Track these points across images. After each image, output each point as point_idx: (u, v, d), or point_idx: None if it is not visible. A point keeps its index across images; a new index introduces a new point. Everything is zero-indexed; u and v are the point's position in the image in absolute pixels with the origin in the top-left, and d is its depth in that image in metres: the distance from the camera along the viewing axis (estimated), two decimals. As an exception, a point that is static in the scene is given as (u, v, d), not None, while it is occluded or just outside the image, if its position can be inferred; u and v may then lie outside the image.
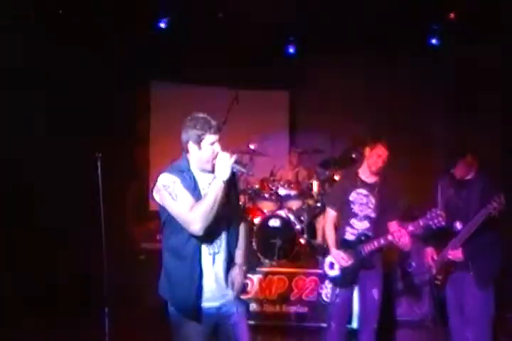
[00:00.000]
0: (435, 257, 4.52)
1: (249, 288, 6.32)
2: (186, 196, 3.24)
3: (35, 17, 6.79)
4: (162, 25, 8.07)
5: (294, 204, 7.16)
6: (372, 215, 4.54)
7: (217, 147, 3.34)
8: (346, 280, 4.57)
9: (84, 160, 5.35)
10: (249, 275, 6.27)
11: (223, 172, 3.23)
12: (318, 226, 7.47)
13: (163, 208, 3.32)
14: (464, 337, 4.44)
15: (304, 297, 6.33)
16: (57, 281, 6.64)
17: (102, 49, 7.64)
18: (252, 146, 7.43)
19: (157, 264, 6.74)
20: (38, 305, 6.16)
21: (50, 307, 6.17)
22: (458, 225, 4.35)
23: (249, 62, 8.60)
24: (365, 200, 4.54)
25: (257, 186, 7.33)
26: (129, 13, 7.50)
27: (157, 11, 7.96)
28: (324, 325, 5.87)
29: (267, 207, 7.20)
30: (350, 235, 4.58)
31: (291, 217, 6.95)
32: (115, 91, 7.88)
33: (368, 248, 4.44)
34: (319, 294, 6.28)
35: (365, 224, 4.55)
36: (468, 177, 4.38)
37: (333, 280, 4.67)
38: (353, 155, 7.16)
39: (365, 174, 4.61)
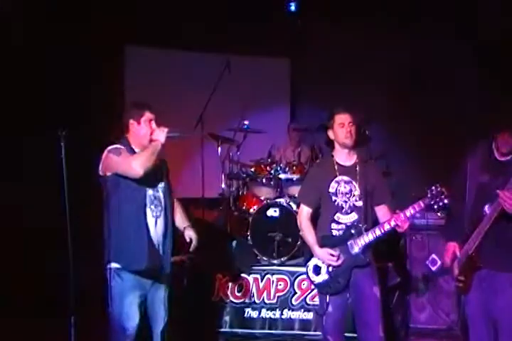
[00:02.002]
0: (457, 253, 4.30)
1: (242, 291, 6.27)
2: (128, 153, 4.21)
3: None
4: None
5: (296, 191, 6.95)
6: (359, 204, 4.42)
7: (153, 124, 4.34)
8: (337, 284, 4.40)
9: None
10: (243, 276, 6.26)
11: (160, 137, 4.24)
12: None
13: (106, 178, 4.26)
14: None
15: (308, 301, 6.20)
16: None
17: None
18: (246, 122, 7.32)
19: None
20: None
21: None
22: (486, 208, 4.14)
23: (244, 22, 8.59)
24: (348, 188, 4.43)
25: (252, 169, 7.03)
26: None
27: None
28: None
29: (264, 194, 6.97)
30: (336, 231, 4.44)
31: (293, 206, 6.67)
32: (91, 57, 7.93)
33: (361, 242, 4.32)
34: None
35: (352, 216, 4.43)
36: (509, 157, 4.20)
37: (321, 287, 4.49)
38: (367, 131, 6.99)
39: (341, 157, 4.51)
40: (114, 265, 4.29)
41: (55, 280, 6.03)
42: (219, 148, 7.00)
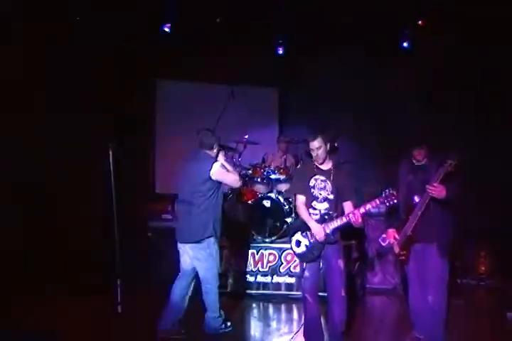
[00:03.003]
0: (397, 236, 4.58)
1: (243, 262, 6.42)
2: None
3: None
4: (166, 29, 7.92)
5: (283, 187, 7.11)
6: (331, 197, 4.54)
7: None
8: (312, 255, 4.53)
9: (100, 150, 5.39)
10: (243, 250, 6.39)
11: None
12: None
13: (214, 182, 4.81)
14: (424, 300, 4.53)
15: (292, 269, 6.36)
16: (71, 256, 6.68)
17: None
18: (246, 136, 7.37)
19: (162, 241, 6.76)
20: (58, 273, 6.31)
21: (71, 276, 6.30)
22: (416, 198, 4.44)
23: (244, 63, 8.48)
24: (323, 185, 4.56)
25: (250, 171, 7.23)
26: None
27: (162, 16, 7.82)
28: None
29: (259, 189, 7.14)
30: (313, 215, 4.56)
31: (281, 199, 6.91)
32: (127, 90, 7.88)
33: (331, 225, 4.44)
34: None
35: (325, 205, 4.55)
36: (424, 162, 4.57)
37: (301, 256, 4.63)
38: (335, 144, 7.09)
39: (319, 163, 4.65)
40: (212, 238, 4.84)
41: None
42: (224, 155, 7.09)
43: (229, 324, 5.10)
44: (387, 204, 4.22)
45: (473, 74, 7.98)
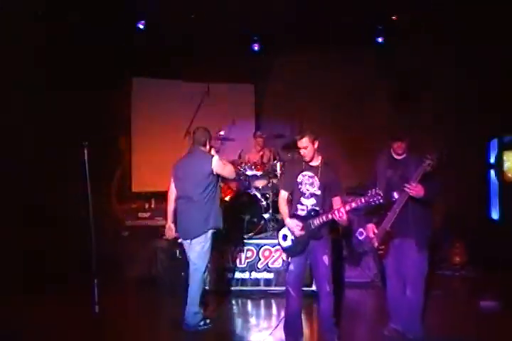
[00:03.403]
0: (376, 231, 4.62)
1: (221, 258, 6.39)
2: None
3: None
4: (141, 26, 7.85)
5: (260, 183, 7.12)
6: (318, 193, 4.56)
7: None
8: (297, 249, 4.56)
9: (73, 148, 5.36)
10: (221, 247, 6.29)
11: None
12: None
13: (214, 176, 5.04)
14: (401, 293, 4.60)
15: (270, 265, 6.38)
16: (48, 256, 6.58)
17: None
18: (222, 133, 7.26)
19: (139, 239, 6.73)
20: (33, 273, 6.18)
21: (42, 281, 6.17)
22: (395, 195, 4.47)
23: (219, 59, 8.48)
24: (310, 181, 4.58)
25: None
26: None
27: (136, 13, 7.74)
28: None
29: (235, 186, 7.10)
30: (301, 211, 4.59)
31: (258, 195, 6.91)
32: (102, 89, 7.73)
33: (316, 221, 4.46)
34: (283, 262, 6.30)
35: (312, 201, 4.57)
36: (404, 156, 4.58)
37: (286, 250, 4.69)
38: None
39: (308, 161, 4.68)
40: (213, 230, 5.06)
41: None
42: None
43: (208, 321, 5.13)
44: (373, 203, 4.21)
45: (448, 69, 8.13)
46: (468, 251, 7.27)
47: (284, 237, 4.66)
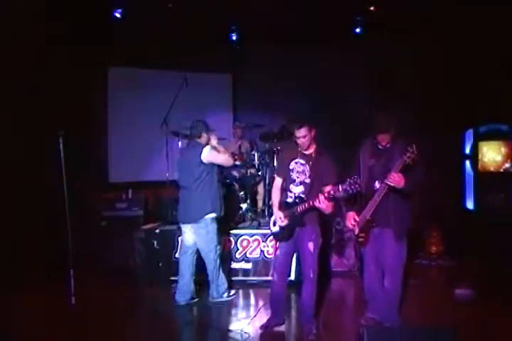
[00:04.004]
0: (357, 218, 4.62)
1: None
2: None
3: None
4: (117, 14, 7.73)
5: (238, 173, 7.10)
6: (307, 181, 4.59)
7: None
8: (284, 235, 4.66)
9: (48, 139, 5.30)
10: None
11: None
12: (260, 191, 7.48)
13: (206, 165, 5.37)
14: (379, 282, 4.66)
15: (248, 255, 6.35)
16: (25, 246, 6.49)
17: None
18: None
19: (116, 230, 6.70)
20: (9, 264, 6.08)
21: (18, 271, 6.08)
22: (377, 184, 4.49)
23: (196, 49, 8.42)
24: (301, 168, 4.62)
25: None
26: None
27: (112, 2, 7.62)
28: (266, 278, 6.04)
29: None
30: (289, 198, 4.66)
31: (236, 185, 6.87)
32: (78, 78, 7.62)
33: (299, 209, 4.52)
34: (262, 252, 6.32)
35: (300, 189, 4.61)
36: (388, 145, 4.57)
37: (275, 235, 4.81)
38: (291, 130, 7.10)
39: (304, 149, 4.70)
40: (211, 215, 5.42)
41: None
42: (179, 142, 7.01)
43: (232, 292, 5.78)
44: (350, 191, 4.20)
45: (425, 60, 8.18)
46: (445, 241, 7.36)
47: (274, 223, 4.80)
